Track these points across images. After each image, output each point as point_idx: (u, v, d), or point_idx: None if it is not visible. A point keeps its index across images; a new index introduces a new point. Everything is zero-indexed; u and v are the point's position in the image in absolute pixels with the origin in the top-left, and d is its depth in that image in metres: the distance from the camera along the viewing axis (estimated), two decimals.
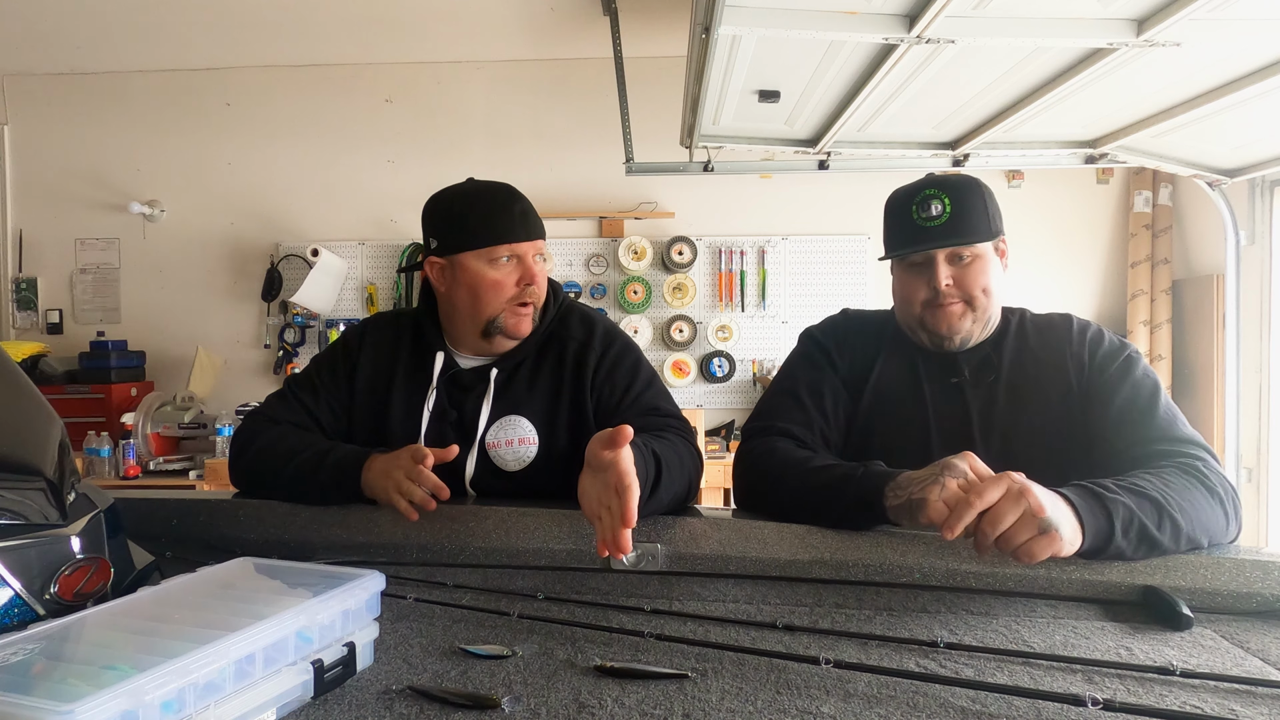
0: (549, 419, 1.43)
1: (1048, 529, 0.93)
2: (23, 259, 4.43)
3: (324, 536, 1.27)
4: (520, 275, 1.40)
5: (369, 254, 4.34)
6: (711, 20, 1.79)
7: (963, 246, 1.34)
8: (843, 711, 0.74)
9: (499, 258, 1.39)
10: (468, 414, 1.44)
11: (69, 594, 0.84)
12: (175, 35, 3.96)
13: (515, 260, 1.40)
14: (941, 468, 1.03)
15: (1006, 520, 0.93)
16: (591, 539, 1.18)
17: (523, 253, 1.40)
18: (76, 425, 3.79)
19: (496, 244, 1.39)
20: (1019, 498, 0.93)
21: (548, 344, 1.48)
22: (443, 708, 0.75)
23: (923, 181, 1.37)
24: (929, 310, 1.36)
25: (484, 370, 1.44)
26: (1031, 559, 0.94)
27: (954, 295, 1.34)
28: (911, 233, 1.36)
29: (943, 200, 1.33)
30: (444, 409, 1.43)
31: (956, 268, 1.34)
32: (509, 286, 1.40)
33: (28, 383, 0.95)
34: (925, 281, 1.35)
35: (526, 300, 1.41)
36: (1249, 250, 3.53)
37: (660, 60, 3.83)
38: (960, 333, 1.36)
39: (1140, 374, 1.31)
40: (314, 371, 1.52)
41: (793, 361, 1.49)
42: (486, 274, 1.39)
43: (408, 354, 1.49)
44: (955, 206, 1.33)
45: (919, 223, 1.34)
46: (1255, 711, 0.74)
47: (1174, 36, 1.81)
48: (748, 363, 4.25)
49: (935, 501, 1.00)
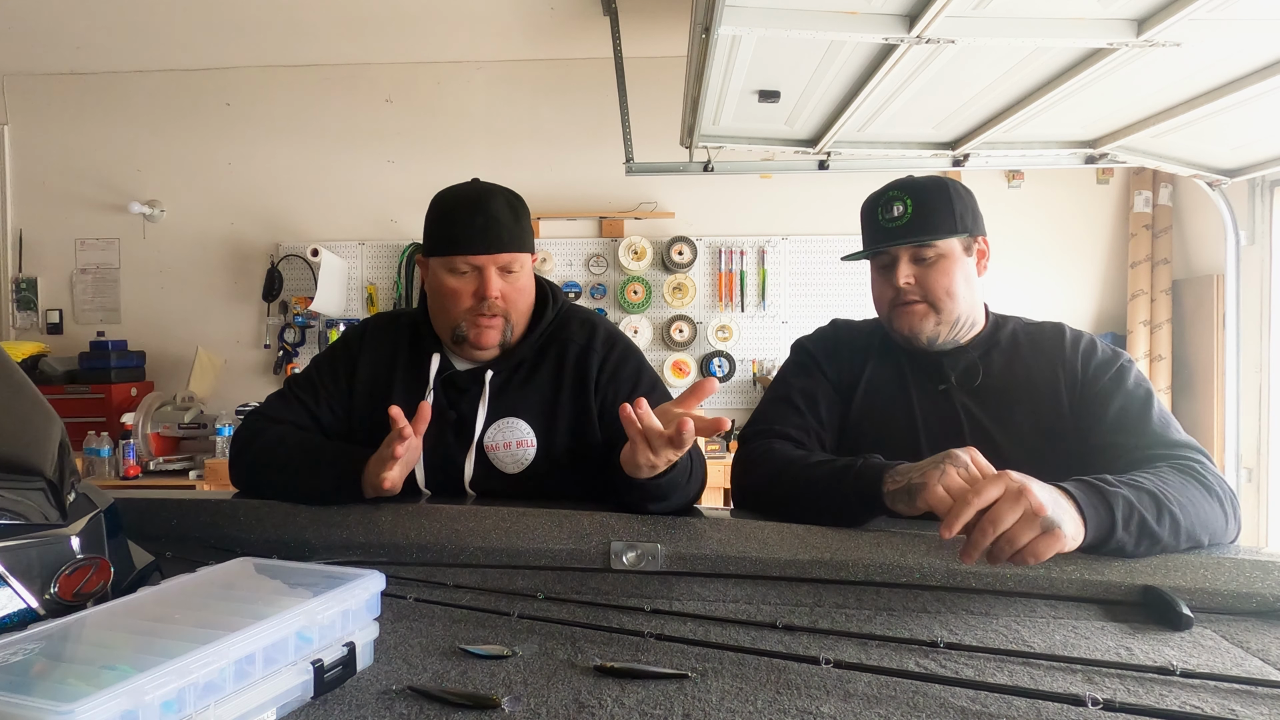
0: (548, 421, 1.43)
1: (1050, 528, 0.93)
2: (23, 259, 4.43)
3: (324, 536, 1.27)
4: (476, 288, 1.38)
5: (369, 254, 4.34)
6: (711, 20, 1.79)
7: (923, 246, 1.35)
8: (843, 711, 0.74)
9: (457, 268, 1.38)
10: (465, 416, 1.44)
11: (69, 594, 0.84)
12: (175, 35, 3.96)
13: (475, 272, 1.38)
14: (944, 457, 1.03)
15: (1007, 521, 0.93)
16: (591, 539, 1.19)
17: (481, 265, 1.37)
18: (76, 425, 3.79)
19: (451, 254, 1.38)
20: (1018, 497, 0.93)
21: (547, 347, 1.47)
22: (443, 708, 0.75)
23: (889, 184, 1.40)
24: (894, 311, 1.39)
25: (479, 372, 1.44)
26: (1036, 559, 0.94)
27: (914, 294, 1.36)
28: (874, 233, 1.40)
29: (905, 201, 1.35)
30: (443, 409, 1.43)
31: (919, 267, 1.37)
32: (466, 297, 1.38)
33: (28, 383, 0.95)
34: (890, 282, 1.38)
35: (485, 312, 1.39)
36: (1249, 250, 3.53)
37: (660, 60, 3.83)
38: (924, 333, 1.38)
39: (1133, 383, 1.31)
40: (314, 371, 1.52)
41: (786, 370, 1.52)
42: (446, 282, 1.39)
43: (406, 355, 1.49)
44: (917, 206, 1.35)
45: (882, 223, 1.37)
46: (1255, 711, 0.74)
47: (1174, 36, 1.82)
48: (748, 363, 4.25)
49: (935, 486, 1.00)
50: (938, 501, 1.00)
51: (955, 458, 1.02)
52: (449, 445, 1.43)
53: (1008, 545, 0.94)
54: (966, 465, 1.02)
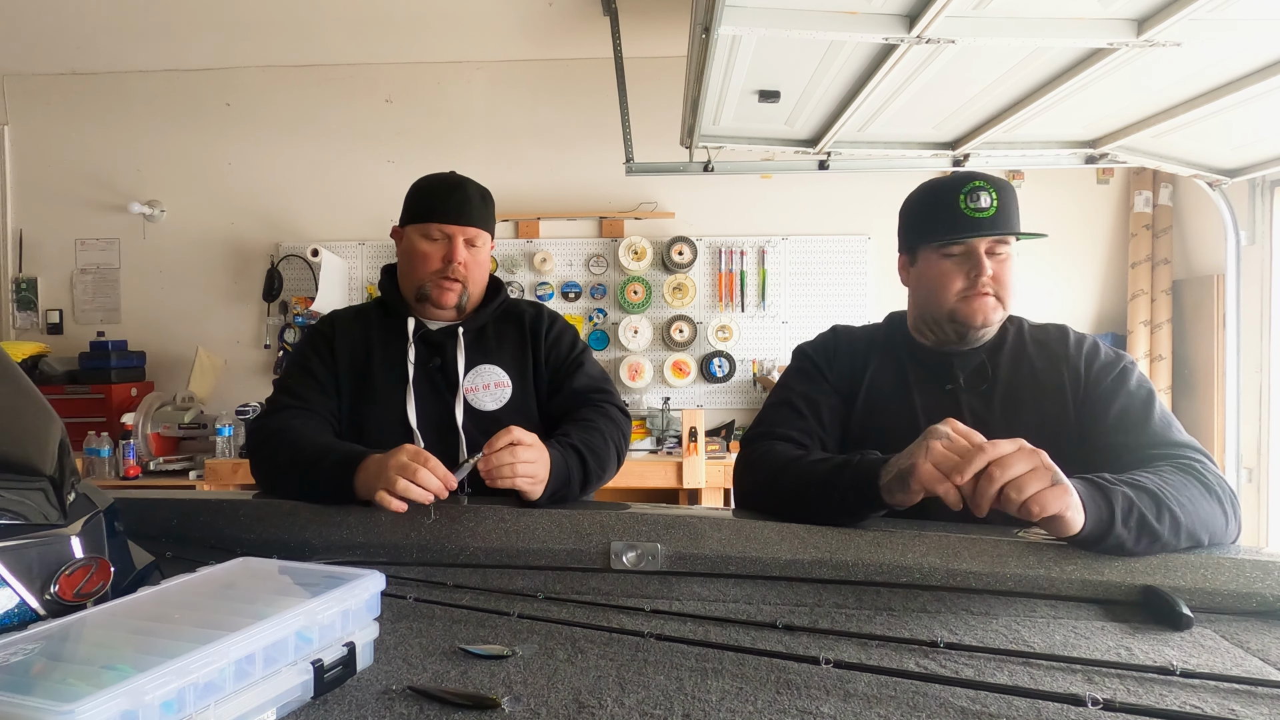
0: (519, 366, 1.64)
1: (1060, 481, 0.94)
2: (23, 259, 4.43)
3: (324, 536, 1.27)
4: (445, 253, 1.61)
5: (369, 254, 4.34)
6: (711, 20, 1.79)
7: (1001, 241, 1.37)
8: (843, 711, 0.74)
9: (430, 234, 1.62)
10: (446, 365, 1.60)
11: (69, 594, 0.84)
12: (175, 35, 3.96)
13: (445, 240, 1.61)
14: (926, 434, 1.05)
15: (1016, 469, 0.93)
16: (591, 539, 1.19)
17: (451, 233, 1.61)
18: (76, 425, 3.78)
19: (427, 221, 1.62)
20: (1031, 453, 0.95)
21: (504, 316, 1.71)
22: (443, 708, 0.75)
23: (968, 174, 1.39)
24: (963, 301, 1.37)
25: (452, 329, 1.63)
26: (1043, 510, 0.94)
27: (989, 287, 1.36)
28: (959, 222, 1.36)
29: (991, 193, 1.35)
30: (425, 358, 1.60)
31: (994, 261, 1.37)
32: (435, 260, 1.61)
33: (28, 383, 0.95)
34: (964, 272, 1.37)
35: (449, 275, 1.60)
36: (1249, 250, 3.53)
37: (660, 60, 3.83)
38: (991, 324, 1.39)
39: (1135, 384, 1.32)
40: (299, 360, 1.63)
41: (788, 376, 1.53)
42: (419, 245, 1.62)
43: (379, 328, 1.65)
44: (1001, 201, 1.36)
45: (967, 213, 1.35)
46: (1255, 711, 0.74)
47: (1174, 36, 1.82)
48: (748, 363, 4.25)
49: (923, 463, 1.01)
50: (928, 477, 1.01)
51: (936, 432, 1.04)
52: (439, 392, 1.59)
53: (1015, 493, 0.94)
54: (947, 435, 1.03)
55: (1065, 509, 0.95)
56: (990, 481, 0.94)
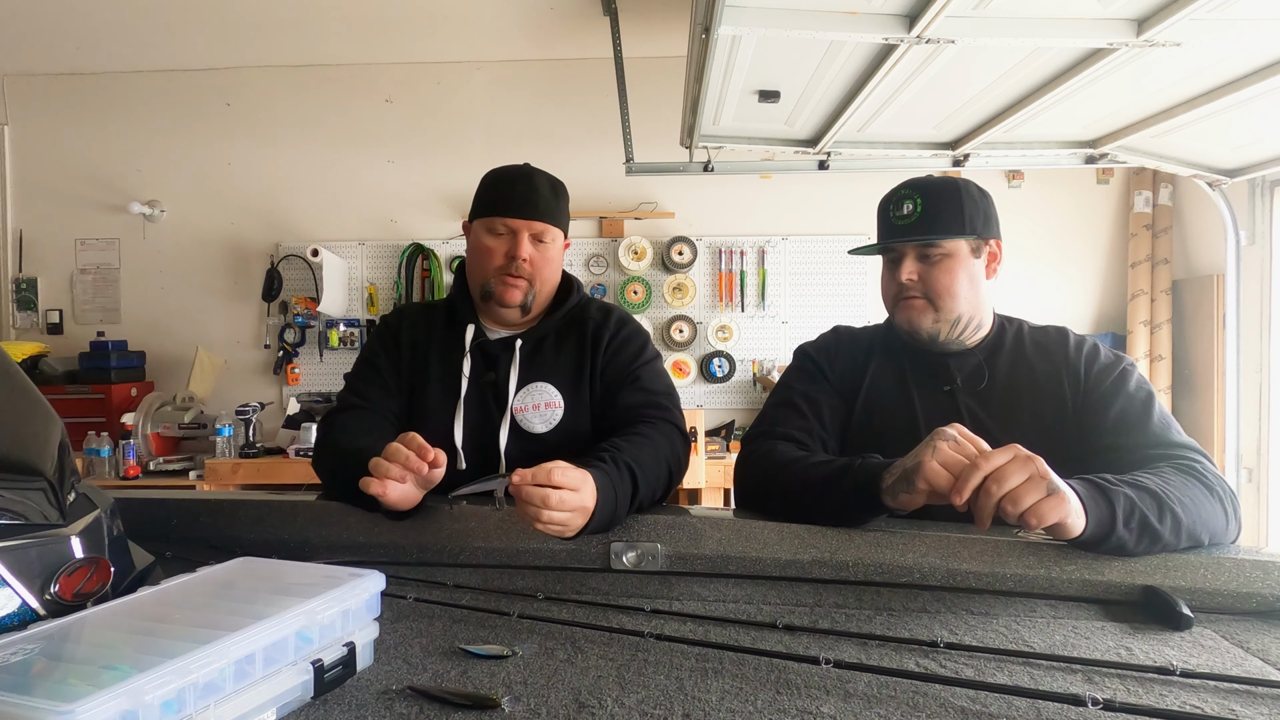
0: (574, 386, 1.53)
1: (1056, 490, 0.93)
2: (23, 259, 4.43)
3: (324, 536, 1.27)
4: (509, 248, 1.51)
5: (369, 254, 4.34)
6: (711, 20, 1.79)
7: (928, 245, 1.38)
8: (843, 711, 0.74)
9: (495, 228, 1.53)
10: (498, 381, 1.53)
11: (69, 594, 0.84)
12: (175, 35, 3.96)
13: (510, 235, 1.52)
14: (933, 436, 1.04)
15: (1012, 480, 0.93)
16: (592, 539, 1.19)
17: (516, 228, 1.51)
18: (76, 425, 3.79)
19: (491, 216, 1.53)
20: (1026, 461, 0.94)
21: (569, 326, 1.59)
22: (443, 708, 0.75)
23: (903, 183, 1.43)
24: (896, 305, 1.43)
25: (510, 341, 1.55)
26: (1040, 521, 0.93)
27: (916, 290, 1.39)
28: (883, 229, 1.44)
29: (914, 200, 1.38)
30: (480, 371, 1.53)
31: (924, 265, 1.40)
32: (499, 256, 1.52)
33: (28, 383, 0.95)
34: (895, 277, 1.42)
35: (513, 272, 1.51)
36: (1249, 250, 3.53)
37: (660, 60, 3.83)
38: (923, 329, 1.40)
39: (1134, 385, 1.33)
40: (367, 356, 1.60)
41: (788, 375, 1.54)
42: (484, 240, 1.54)
43: (441, 329, 1.60)
44: (926, 206, 1.37)
45: (891, 220, 1.41)
46: (1255, 711, 0.74)
47: (1174, 36, 1.82)
48: (748, 363, 4.25)
49: (930, 461, 1.01)
50: (934, 475, 1.00)
51: (943, 434, 1.03)
52: (488, 409, 1.52)
53: (1011, 506, 0.93)
54: (955, 438, 1.02)
55: (1063, 517, 0.95)
56: (988, 496, 0.93)
